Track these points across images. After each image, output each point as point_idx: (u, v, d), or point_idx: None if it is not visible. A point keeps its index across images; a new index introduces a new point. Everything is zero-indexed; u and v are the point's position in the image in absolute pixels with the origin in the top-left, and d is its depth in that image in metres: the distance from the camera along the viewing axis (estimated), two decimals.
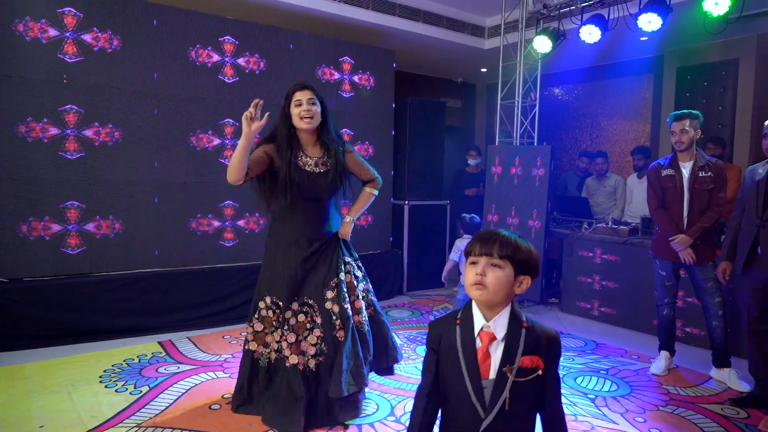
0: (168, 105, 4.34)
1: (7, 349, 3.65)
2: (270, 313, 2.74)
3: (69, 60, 3.93)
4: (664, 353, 3.59)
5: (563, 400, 3.05)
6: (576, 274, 5.07)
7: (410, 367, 3.55)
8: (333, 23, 5.57)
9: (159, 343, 3.92)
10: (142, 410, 2.80)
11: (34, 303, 3.81)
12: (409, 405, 2.96)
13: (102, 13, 4.04)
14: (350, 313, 2.73)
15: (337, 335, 2.68)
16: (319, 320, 2.69)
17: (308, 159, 2.69)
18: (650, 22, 4.32)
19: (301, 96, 2.65)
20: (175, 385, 3.14)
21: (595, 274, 4.89)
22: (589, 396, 3.16)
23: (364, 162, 2.91)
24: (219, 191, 4.60)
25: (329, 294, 2.71)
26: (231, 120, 4.63)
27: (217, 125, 4.59)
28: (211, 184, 4.56)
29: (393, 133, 5.79)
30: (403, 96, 6.10)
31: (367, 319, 2.83)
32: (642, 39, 5.54)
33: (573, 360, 3.77)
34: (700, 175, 3.34)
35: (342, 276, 2.77)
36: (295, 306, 2.71)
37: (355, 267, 2.91)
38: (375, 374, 3.07)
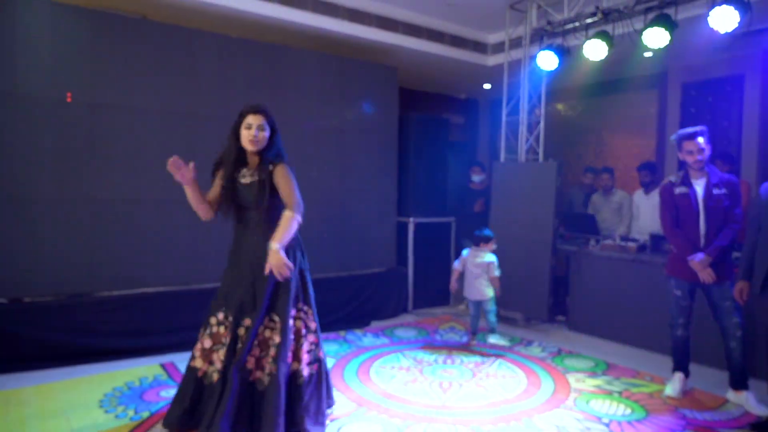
0: (170, 121, 4.31)
1: (4, 371, 3.56)
2: (222, 329, 2.74)
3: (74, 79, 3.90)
4: (679, 375, 3.49)
5: (575, 424, 2.97)
6: (583, 291, 4.99)
7: (418, 389, 3.45)
8: (336, 41, 5.56)
9: (161, 365, 3.83)
10: None
11: (34, 324, 3.74)
12: (419, 429, 2.87)
13: (109, 31, 4.03)
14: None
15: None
16: (277, 339, 2.69)
17: (244, 171, 2.79)
18: (656, 38, 4.29)
19: (253, 120, 2.73)
20: None
21: (603, 292, 4.80)
22: (603, 421, 3.06)
23: (290, 183, 2.76)
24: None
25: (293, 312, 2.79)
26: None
27: (221, 142, 4.54)
28: None
29: (397, 150, 5.75)
30: (406, 112, 6.08)
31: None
32: (646, 55, 5.52)
33: (584, 382, 3.68)
34: (715, 192, 3.28)
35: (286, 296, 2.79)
36: (247, 322, 2.70)
37: (279, 328, 2.78)
38: None
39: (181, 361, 3.92)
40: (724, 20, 3.87)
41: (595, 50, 4.74)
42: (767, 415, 3.07)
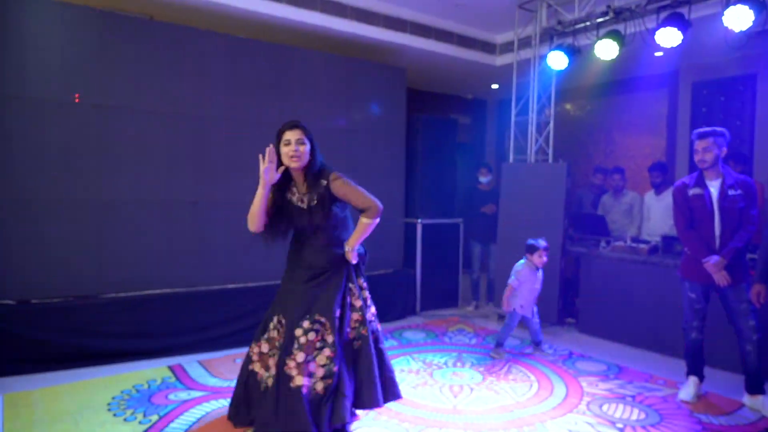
0: (178, 122, 4.29)
1: (14, 373, 3.56)
2: (275, 333, 2.77)
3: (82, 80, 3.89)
4: (693, 379, 3.44)
5: (588, 429, 2.92)
6: (594, 293, 4.93)
7: (428, 393, 3.41)
8: (344, 41, 5.53)
9: (169, 367, 3.81)
10: None
11: (42, 326, 3.72)
12: None
13: (116, 32, 4.01)
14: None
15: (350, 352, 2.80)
16: (330, 339, 2.67)
17: (298, 195, 2.78)
18: (669, 37, 4.24)
19: (290, 136, 2.70)
20: (186, 414, 3.03)
21: (613, 294, 4.75)
22: (617, 425, 3.01)
23: (356, 190, 2.77)
24: (229, 211, 4.52)
25: (338, 312, 2.76)
26: (242, 137, 4.57)
27: (229, 144, 4.53)
28: (221, 204, 4.48)
29: (404, 151, 5.72)
30: (414, 112, 6.04)
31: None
32: (657, 54, 5.46)
33: (597, 386, 3.63)
34: (730, 193, 3.22)
35: (348, 299, 2.84)
36: (305, 324, 2.68)
37: (356, 295, 2.88)
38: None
39: (188, 363, 3.91)
40: (739, 19, 3.81)
41: (607, 50, 4.69)
42: None
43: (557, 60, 5.05)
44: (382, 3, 5.46)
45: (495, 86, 7.77)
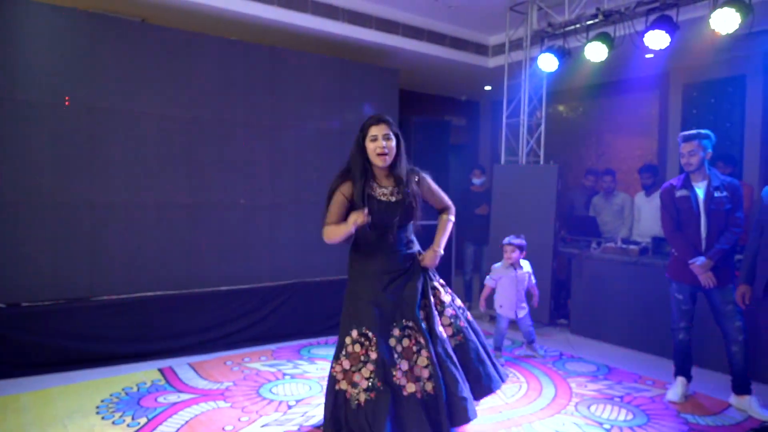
0: (171, 126, 4.30)
1: (2, 377, 3.55)
2: (357, 347, 2.61)
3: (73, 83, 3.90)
4: (681, 379, 3.46)
5: (576, 429, 2.94)
6: (585, 294, 4.96)
7: None
8: (337, 43, 5.55)
9: (159, 370, 3.81)
10: None
11: (32, 329, 3.72)
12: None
13: (107, 34, 4.02)
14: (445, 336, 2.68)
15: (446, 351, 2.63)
16: (422, 341, 2.60)
17: (383, 189, 2.65)
18: (657, 39, 4.27)
19: (377, 131, 2.59)
20: (175, 416, 3.03)
21: (604, 295, 4.77)
22: (604, 426, 3.03)
23: (439, 190, 2.82)
24: (221, 213, 4.53)
25: (422, 314, 2.66)
26: (235, 140, 4.58)
27: (222, 146, 4.53)
28: (213, 206, 4.49)
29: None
30: (407, 114, 6.05)
31: (451, 349, 2.68)
32: (647, 56, 5.49)
33: (585, 386, 3.65)
34: (716, 195, 3.25)
35: (430, 299, 2.72)
36: (396, 332, 2.60)
37: (442, 291, 2.80)
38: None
39: (179, 365, 3.91)
40: (726, 22, 3.84)
41: (596, 52, 4.72)
42: None
43: (548, 62, 5.08)
44: (374, 5, 5.48)
45: (488, 88, 7.80)
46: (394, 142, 2.62)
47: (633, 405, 3.34)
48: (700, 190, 3.32)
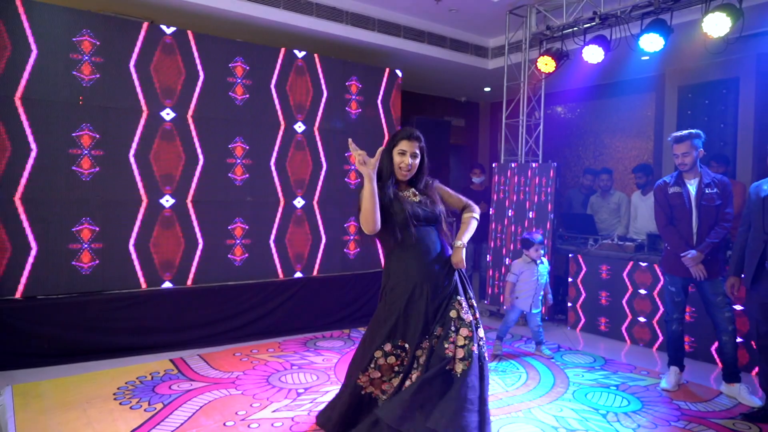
0: (179, 126, 4.43)
1: (20, 367, 3.68)
2: (392, 359, 2.58)
3: (84, 83, 4.03)
4: (674, 369, 3.60)
5: (573, 415, 3.08)
6: (583, 290, 5.10)
7: None
8: (340, 45, 5.69)
9: (171, 360, 3.94)
10: (158, 427, 2.83)
11: (47, 321, 3.85)
12: None
13: (117, 37, 4.15)
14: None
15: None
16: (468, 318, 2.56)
17: (406, 193, 2.68)
18: (652, 42, 4.42)
19: (407, 146, 2.63)
20: (189, 402, 3.16)
21: (601, 290, 4.91)
22: (600, 412, 3.17)
23: (453, 192, 2.88)
24: (228, 210, 4.67)
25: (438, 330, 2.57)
26: (241, 139, 4.71)
27: (227, 145, 4.67)
28: (221, 203, 4.62)
29: None
30: (408, 115, 6.19)
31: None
32: (643, 58, 5.64)
33: (582, 376, 3.79)
34: (707, 191, 3.40)
35: (452, 314, 2.57)
36: (425, 344, 2.56)
37: (465, 308, 2.59)
38: None
39: (189, 357, 4.04)
40: (717, 26, 3.99)
41: (594, 54, 4.87)
42: (759, 406, 3.18)
43: (546, 64, 5.22)
44: (376, 8, 5.63)
45: (487, 89, 7.95)
46: (419, 160, 2.68)
47: (628, 393, 3.48)
48: (692, 187, 3.46)
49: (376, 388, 2.62)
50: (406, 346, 2.57)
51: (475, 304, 2.67)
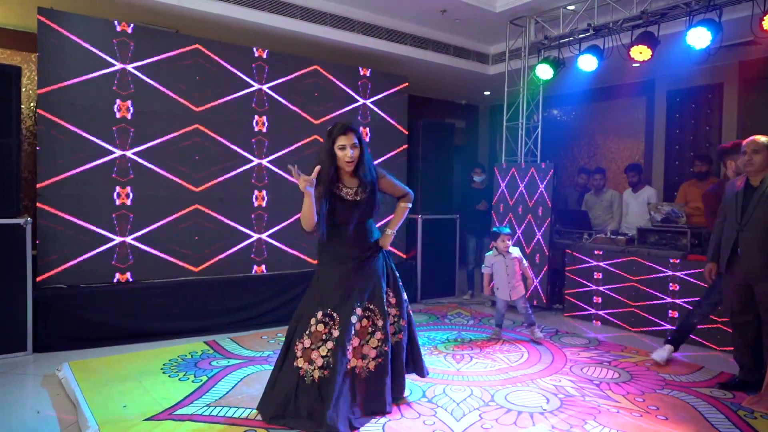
0: (207, 128, 4.81)
1: (67, 348, 4.04)
2: (321, 327, 2.86)
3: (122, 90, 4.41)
4: (669, 347, 3.98)
5: (571, 384, 3.47)
6: (578, 281, 5.51)
7: (435, 360, 3.95)
8: (352, 52, 6.08)
9: (205, 342, 4.32)
10: (208, 394, 3.21)
11: (89, 307, 4.22)
12: (438, 389, 3.37)
13: (151, 44, 4.54)
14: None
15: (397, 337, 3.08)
16: (380, 323, 2.97)
17: (348, 189, 2.95)
18: (641, 53, 4.83)
19: (345, 141, 2.84)
20: (230, 375, 3.55)
21: (595, 281, 5.32)
22: (594, 382, 3.58)
23: (396, 182, 3.16)
24: (251, 207, 5.05)
25: (390, 294, 3.10)
26: (261, 139, 5.10)
27: (249, 147, 5.05)
28: (244, 201, 5.01)
29: (406, 152, 6.27)
30: (414, 117, 6.58)
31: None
32: (634, 65, 6.06)
33: (578, 354, 4.19)
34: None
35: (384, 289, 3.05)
36: (358, 311, 2.91)
37: (391, 288, 3.13)
38: None
39: (221, 339, 4.41)
40: (699, 38, 4.41)
41: (588, 63, 5.28)
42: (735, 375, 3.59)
43: (544, 71, 5.63)
44: (385, 18, 6.02)
45: (487, 93, 8.35)
46: (359, 150, 2.89)
47: (619, 368, 3.89)
48: None
49: (305, 359, 2.82)
50: (335, 314, 2.88)
51: (402, 297, 3.16)
